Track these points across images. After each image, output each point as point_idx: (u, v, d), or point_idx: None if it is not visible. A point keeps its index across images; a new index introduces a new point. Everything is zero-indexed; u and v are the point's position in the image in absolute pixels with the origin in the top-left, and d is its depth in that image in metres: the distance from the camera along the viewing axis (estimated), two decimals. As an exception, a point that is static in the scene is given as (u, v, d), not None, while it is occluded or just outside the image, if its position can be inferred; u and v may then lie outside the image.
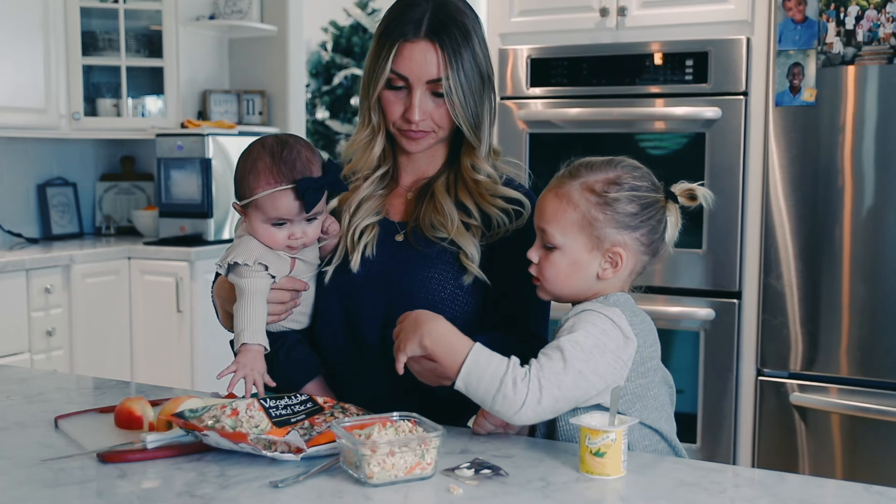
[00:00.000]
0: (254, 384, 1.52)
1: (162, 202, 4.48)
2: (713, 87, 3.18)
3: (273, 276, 1.63)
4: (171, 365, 4.21)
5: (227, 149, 4.45)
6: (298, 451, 1.32)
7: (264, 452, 1.30)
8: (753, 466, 3.16)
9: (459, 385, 1.37)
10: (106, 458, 1.33)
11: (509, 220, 1.68)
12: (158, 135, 4.45)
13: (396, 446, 1.25)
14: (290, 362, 1.66)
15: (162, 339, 4.23)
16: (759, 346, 3.14)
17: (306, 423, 1.40)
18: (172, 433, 1.38)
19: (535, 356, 1.38)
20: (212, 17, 4.71)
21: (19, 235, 4.47)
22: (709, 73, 3.17)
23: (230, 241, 4.48)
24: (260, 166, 1.59)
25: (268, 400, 1.42)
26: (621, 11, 3.30)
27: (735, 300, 3.19)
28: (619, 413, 1.35)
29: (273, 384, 1.54)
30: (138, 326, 4.29)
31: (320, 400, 1.47)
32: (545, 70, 3.42)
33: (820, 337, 3.04)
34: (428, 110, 1.64)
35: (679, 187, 1.51)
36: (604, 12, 3.32)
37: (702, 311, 3.22)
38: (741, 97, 3.14)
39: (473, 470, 1.30)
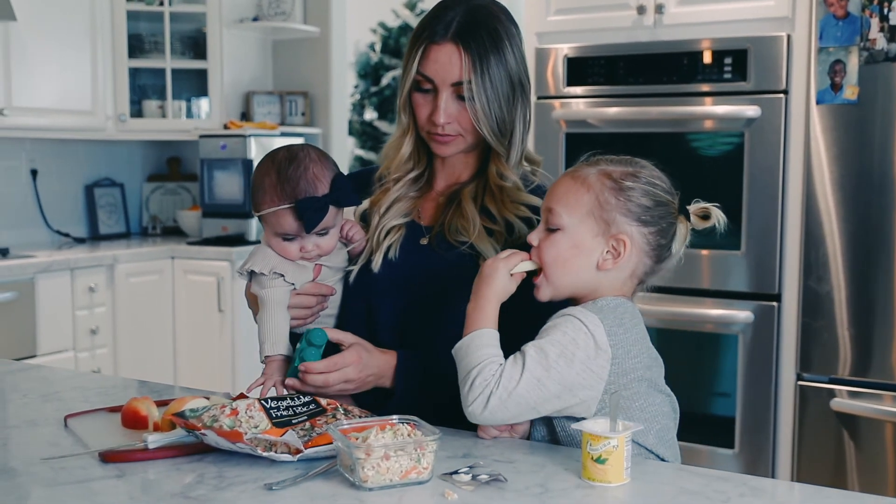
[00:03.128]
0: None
1: (205, 202, 4.52)
2: (753, 85, 3.11)
3: (293, 284, 1.63)
4: (213, 364, 4.26)
5: (269, 149, 4.47)
6: (297, 452, 1.31)
7: (260, 452, 1.30)
8: (793, 471, 3.09)
9: (453, 351, 1.41)
10: (107, 457, 1.34)
11: (529, 229, 1.65)
12: (202, 136, 4.50)
13: (392, 450, 1.24)
14: None
15: (204, 338, 4.28)
16: (799, 350, 3.07)
17: (307, 424, 1.40)
18: (174, 433, 1.38)
19: None
20: (255, 19, 4.75)
21: (67, 235, 4.55)
22: (748, 71, 3.11)
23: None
24: (266, 183, 1.60)
25: (269, 401, 1.42)
26: (659, 9, 3.25)
27: (774, 303, 3.12)
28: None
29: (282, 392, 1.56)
30: (181, 325, 4.34)
31: (323, 401, 1.47)
32: (582, 69, 3.38)
33: (868, 341, 2.96)
34: (453, 113, 1.62)
35: (694, 206, 1.48)
36: (641, 10, 3.28)
37: (741, 314, 3.16)
38: (781, 95, 3.07)
39: (471, 475, 1.28)
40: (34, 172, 4.47)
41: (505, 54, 1.62)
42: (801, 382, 3.08)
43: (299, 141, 4.68)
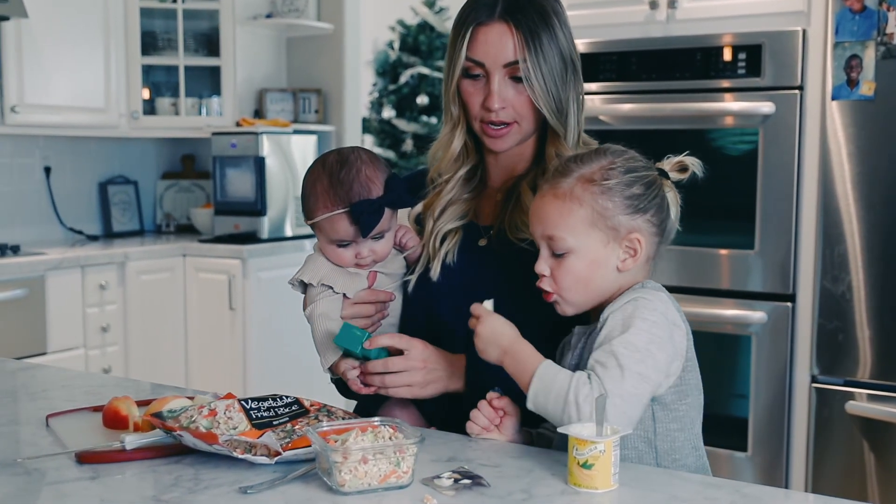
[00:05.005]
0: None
1: (217, 200, 4.51)
2: (767, 81, 3.04)
3: (342, 294, 1.58)
4: (225, 362, 4.24)
5: (282, 147, 4.46)
6: (276, 454, 1.27)
7: (236, 454, 1.26)
8: (808, 476, 3.03)
9: (530, 406, 1.32)
10: (83, 458, 1.31)
11: None
12: (214, 133, 4.49)
13: (370, 453, 1.20)
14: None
15: (215, 336, 4.26)
16: (814, 352, 3.00)
17: (288, 425, 1.36)
18: (153, 434, 1.35)
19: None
20: (269, 16, 4.73)
21: (80, 232, 4.55)
22: (763, 67, 3.04)
23: (284, 239, 4.51)
24: (319, 188, 1.55)
25: (249, 401, 1.38)
26: (671, 4, 3.19)
27: (789, 303, 3.06)
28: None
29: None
30: (193, 323, 4.32)
31: (307, 402, 1.43)
32: (594, 65, 3.33)
33: (889, 343, 2.87)
34: (508, 97, 1.56)
35: (668, 162, 1.45)
36: (653, 5, 3.22)
37: (754, 315, 3.09)
38: (796, 91, 3.00)
39: (453, 480, 1.24)
40: (48, 170, 4.47)
41: (555, 30, 1.56)
42: (815, 384, 3.01)
43: (312, 138, 4.67)
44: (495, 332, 1.38)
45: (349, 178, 1.53)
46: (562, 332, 1.52)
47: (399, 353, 1.52)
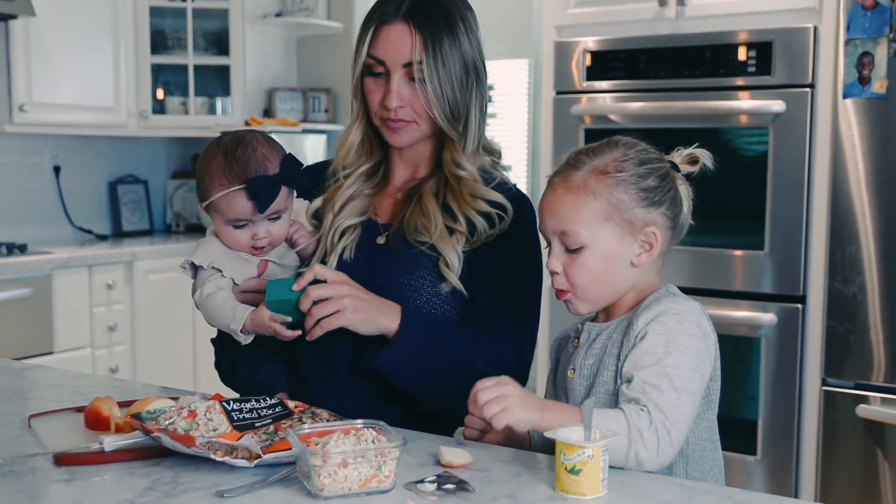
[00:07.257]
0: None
1: (225, 199, 4.48)
2: (777, 79, 2.99)
3: (232, 280, 1.57)
4: (232, 362, 4.21)
5: (291, 147, 4.43)
6: (257, 457, 1.24)
7: (215, 457, 1.23)
8: (817, 480, 2.97)
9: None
10: (61, 460, 1.28)
11: (490, 226, 1.58)
12: (223, 133, 4.46)
13: (350, 457, 1.17)
14: (252, 383, 1.61)
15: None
16: (824, 355, 2.94)
17: (271, 427, 1.33)
18: (133, 435, 1.32)
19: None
20: (278, 15, 4.71)
21: (89, 232, 4.54)
22: (773, 65, 2.99)
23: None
24: (214, 167, 1.55)
25: (231, 402, 1.35)
26: (680, 1, 3.14)
27: (799, 305, 3.00)
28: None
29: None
30: (200, 323, 4.29)
31: (291, 404, 1.40)
32: (601, 63, 3.28)
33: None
34: (406, 97, 1.55)
35: (679, 154, 1.42)
36: (662, 2, 3.17)
37: (764, 317, 3.04)
38: (807, 89, 2.95)
39: (437, 484, 1.21)
40: (57, 169, 4.47)
41: (459, 36, 1.56)
42: (825, 387, 2.95)
43: (321, 138, 4.64)
44: (525, 392, 1.29)
45: (245, 155, 1.53)
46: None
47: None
